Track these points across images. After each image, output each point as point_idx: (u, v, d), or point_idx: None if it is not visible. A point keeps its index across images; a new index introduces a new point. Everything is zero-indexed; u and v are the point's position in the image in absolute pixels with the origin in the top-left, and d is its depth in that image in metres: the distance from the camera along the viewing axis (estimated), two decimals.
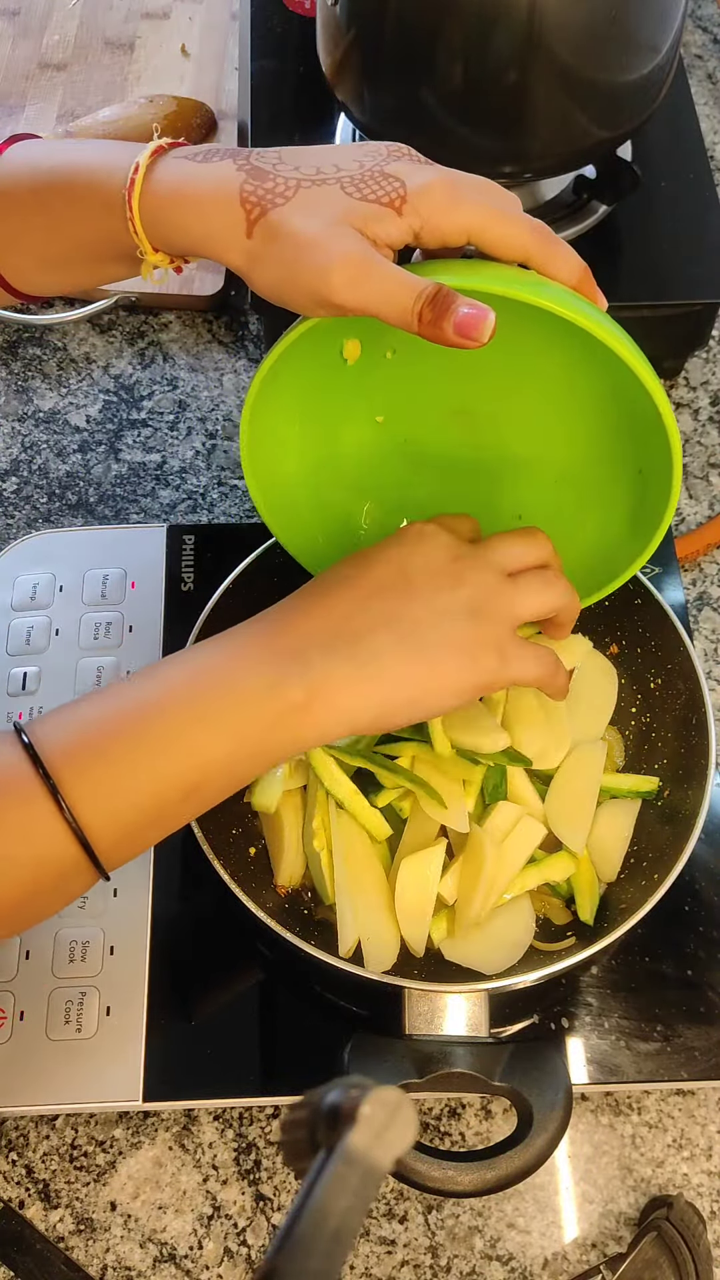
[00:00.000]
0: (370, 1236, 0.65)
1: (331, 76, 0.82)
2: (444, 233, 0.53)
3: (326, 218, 0.52)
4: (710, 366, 0.95)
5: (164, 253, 0.56)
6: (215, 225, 0.53)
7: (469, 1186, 0.55)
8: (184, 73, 1.07)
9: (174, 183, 0.54)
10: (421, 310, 0.51)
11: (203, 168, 0.55)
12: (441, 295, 0.50)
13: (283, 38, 0.97)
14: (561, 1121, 0.56)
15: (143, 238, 0.55)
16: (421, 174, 0.53)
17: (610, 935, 0.60)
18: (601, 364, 0.54)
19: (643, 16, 0.75)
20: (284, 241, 0.52)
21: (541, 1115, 0.56)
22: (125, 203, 0.55)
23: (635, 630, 0.72)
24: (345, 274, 0.51)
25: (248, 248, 0.53)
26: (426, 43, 0.73)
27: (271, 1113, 0.68)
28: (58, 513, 0.88)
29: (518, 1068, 0.57)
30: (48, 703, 0.75)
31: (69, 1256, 0.64)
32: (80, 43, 1.08)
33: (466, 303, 0.50)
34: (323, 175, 0.53)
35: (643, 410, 0.55)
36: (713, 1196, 0.66)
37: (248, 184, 0.53)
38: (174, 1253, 0.65)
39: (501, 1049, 0.58)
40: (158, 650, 0.77)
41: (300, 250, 0.51)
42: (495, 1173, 0.55)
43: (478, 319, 0.51)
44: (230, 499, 0.89)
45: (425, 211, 0.52)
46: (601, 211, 0.88)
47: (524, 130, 0.77)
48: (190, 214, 0.54)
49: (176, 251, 0.57)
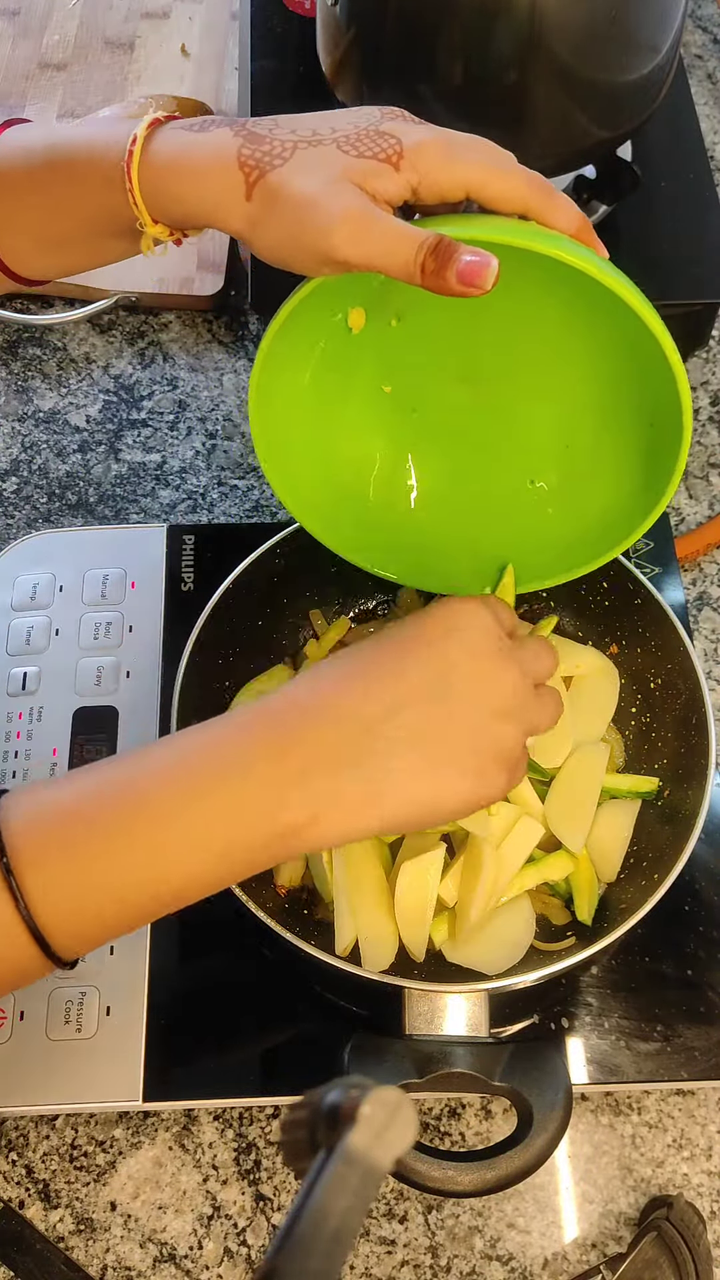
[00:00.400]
0: (370, 1236, 0.65)
1: (331, 76, 0.82)
2: (441, 187, 0.53)
3: (325, 176, 0.52)
4: (710, 366, 0.95)
5: (164, 224, 0.56)
6: (215, 190, 0.53)
7: (469, 1186, 0.55)
8: (184, 73, 1.07)
9: (172, 152, 0.54)
10: (424, 260, 0.50)
11: (200, 136, 0.55)
12: (444, 245, 0.50)
13: (283, 38, 0.97)
14: (561, 1122, 0.56)
15: (143, 209, 0.55)
16: (417, 131, 0.54)
17: (610, 935, 0.60)
18: (606, 314, 0.53)
19: (643, 16, 0.75)
20: (284, 202, 0.52)
21: (541, 1115, 0.56)
22: (124, 174, 0.54)
23: (635, 630, 0.72)
24: (347, 229, 0.50)
25: (248, 211, 0.53)
26: (426, 42, 0.73)
27: (271, 1113, 0.68)
28: (58, 513, 0.88)
29: (518, 1068, 0.57)
30: (48, 703, 0.75)
31: (69, 1256, 0.64)
32: (80, 43, 1.08)
33: (469, 250, 0.50)
34: (319, 136, 0.53)
35: (650, 357, 0.54)
36: (713, 1196, 0.66)
37: (245, 148, 0.53)
38: (174, 1253, 0.65)
39: (501, 1049, 0.58)
40: (157, 650, 0.77)
41: (301, 209, 0.51)
42: (495, 1173, 0.55)
43: (481, 265, 0.50)
44: (230, 499, 0.89)
45: (422, 167, 0.53)
46: (601, 211, 0.88)
47: (524, 130, 0.77)
48: (189, 182, 0.54)
49: (177, 222, 0.56)
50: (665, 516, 0.83)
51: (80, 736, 0.74)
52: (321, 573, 0.73)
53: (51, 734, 0.74)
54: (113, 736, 0.74)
